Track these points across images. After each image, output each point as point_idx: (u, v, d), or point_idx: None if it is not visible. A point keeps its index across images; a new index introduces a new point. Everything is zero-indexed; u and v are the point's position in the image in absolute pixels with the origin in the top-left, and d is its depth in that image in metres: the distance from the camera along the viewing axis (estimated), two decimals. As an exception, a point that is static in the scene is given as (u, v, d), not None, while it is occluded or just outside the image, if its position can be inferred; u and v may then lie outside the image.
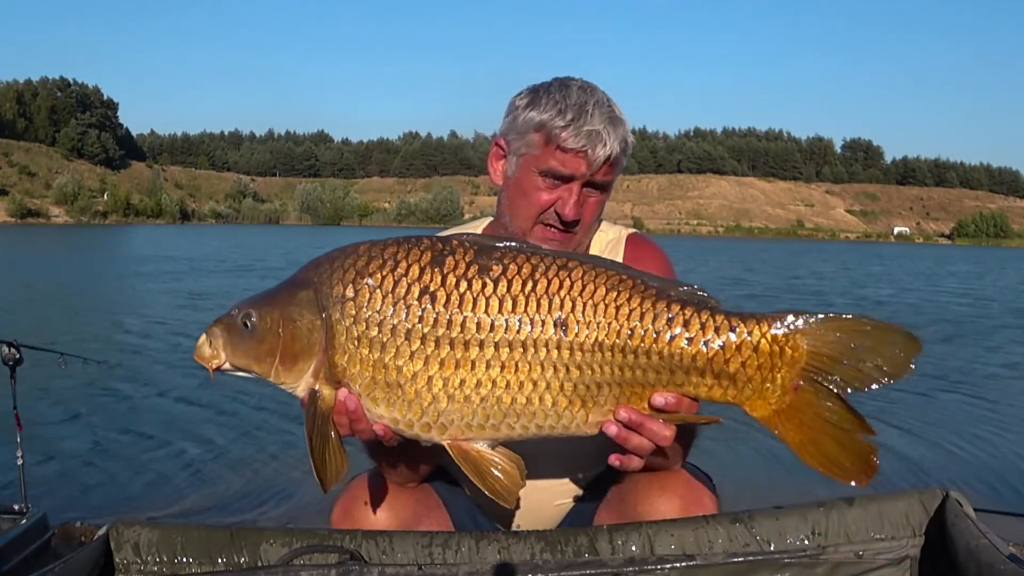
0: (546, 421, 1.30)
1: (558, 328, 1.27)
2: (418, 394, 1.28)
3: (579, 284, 1.28)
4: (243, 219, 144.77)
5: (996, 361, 11.06)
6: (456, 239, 1.33)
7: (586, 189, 1.63)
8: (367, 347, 1.28)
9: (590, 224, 1.69)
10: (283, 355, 1.31)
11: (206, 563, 1.50)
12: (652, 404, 1.30)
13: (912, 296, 22.66)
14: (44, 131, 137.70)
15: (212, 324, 1.35)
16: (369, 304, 1.28)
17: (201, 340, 1.35)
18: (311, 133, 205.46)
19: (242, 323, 1.32)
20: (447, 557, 1.47)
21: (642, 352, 1.27)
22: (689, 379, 1.29)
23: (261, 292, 1.39)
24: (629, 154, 1.67)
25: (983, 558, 1.32)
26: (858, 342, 1.25)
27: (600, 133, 1.56)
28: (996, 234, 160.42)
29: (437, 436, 1.31)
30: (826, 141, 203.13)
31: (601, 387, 1.29)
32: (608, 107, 1.60)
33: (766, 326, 1.27)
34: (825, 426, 1.27)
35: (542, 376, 1.28)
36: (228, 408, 7.17)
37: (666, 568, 1.45)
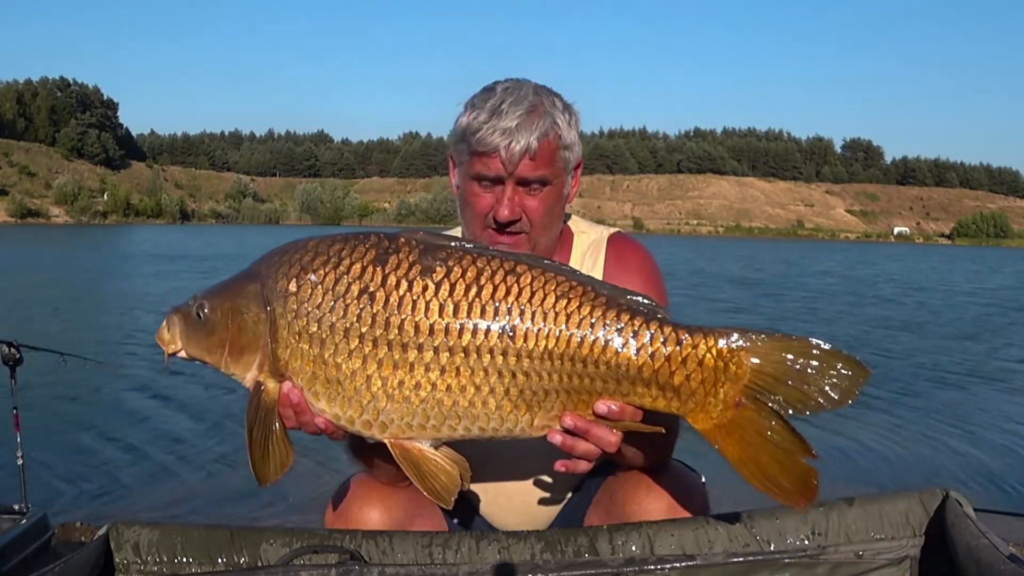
0: (489, 424, 1.29)
1: (505, 335, 1.26)
2: (357, 392, 1.28)
3: (528, 290, 1.27)
4: (243, 219, 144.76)
5: (997, 361, 11.06)
6: (405, 236, 1.32)
7: (524, 188, 1.60)
8: (307, 342, 1.28)
9: (545, 222, 1.63)
10: (231, 347, 1.33)
11: (206, 563, 1.50)
12: (596, 412, 1.30)
13: (916, 295, 22.68)
14: (44, 131, 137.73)
15: (171, 311, 1.38)
16: (310, 300, 1.29)
17: (161, 326, 1.37)
18: (311, 133, 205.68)
19: (196, 313, 1.35)
20: (447, 557, 1.47)
21: (590, 361, 1.27)
22: (634, 389, 1.28)
23: (217, 283, 1.40)
24: (570, 144, 1.61)
25: (983, 558, 1.32)
26: (804, 365, 1.24)
27: (513, 130, 1.54)
28: (996, 234, 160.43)
29: (378, 434, 1.31)
30: (826, 141, 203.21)
31: (548, 393, 1.29)
32: (529, 102, 1.57)
33: (712, 340, 1.27)
34: (765, 444, 1.26)
35: (485, 381, 1.27)
36: (228, 408, 7.16)
37: (666, 568, 1.45)
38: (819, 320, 15.41)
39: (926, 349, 11.89)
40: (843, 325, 14.71)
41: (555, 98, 1.62)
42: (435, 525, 1.66)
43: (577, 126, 1.65)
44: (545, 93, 1.62)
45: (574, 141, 1.63)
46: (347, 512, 1.62)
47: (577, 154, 1.66)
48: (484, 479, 1.71)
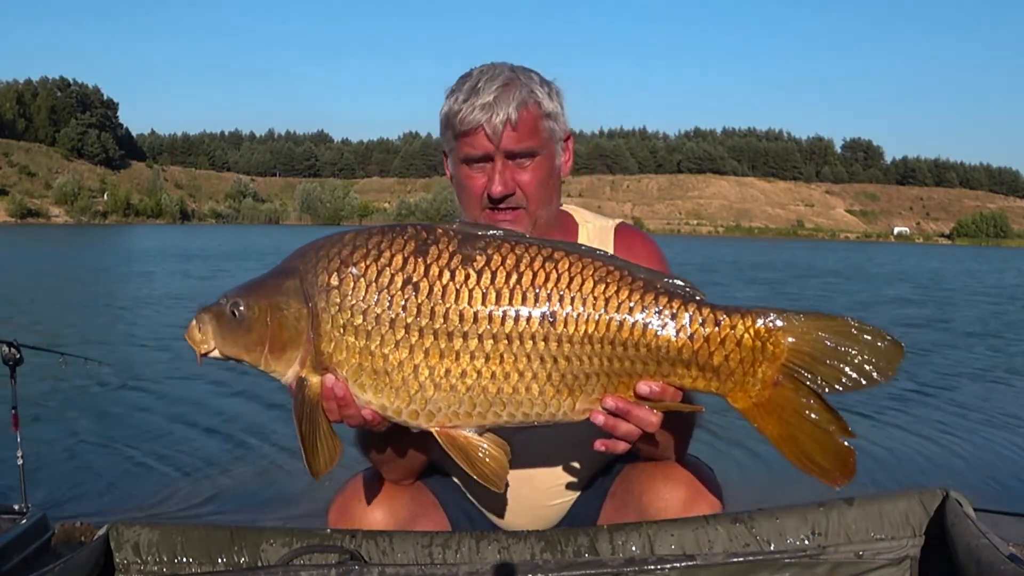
0: (533, 409, 1.31)
1: (545, 321, 1.28)
2: (404, 382, 1.29)
3: (566, 276, 1.29)
4: (243, 219, 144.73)
5: (997, 360, 11.06)
6: (441, 228, 1.33)
7: (513, 162, 1.60)
8: (352, 335, 1.29)
9: (541, 195, 1.63)
10: (271, 344, 1.32)
11: (206, 563, 1.50)
12: (637, 392, 1.32)
13: (916, 295, 22.68)
14: (44, 131, 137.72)
15: (201, 311, 1.36)
16: (353, 293, 1.29)
17: (191, 325, 1.35)
18: (311, 133, 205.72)
19: (231, 312, 1.33)
20: (447, 557, 1.47)
21: (630, 344, 1.29)
22: (674, 370, 1.31)
23: (249, 281, 1.39)
24: (552, 113, 1.61)
25: (983, 558, 1.32)
26: (841, 343, 1.26)
27: (491, 104, 1.55)
28: (996, 234, 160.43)
29: (424, 423, 1.32)
30: (826, 141, 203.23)
31: (589, 377, 1.30)
32: (505, 76, 1.58)
33: (750, 321, 1.29)
34: (803, 423, 1.28)
35: (528, 367, 1.29)
36: (228, 408, 7.17)
37: (666, 568, 1.45)
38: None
39: (926, 348, 11.89)
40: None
41: (532, 73, 1.63)
42: (439, 525, 1.67)
43: (559, 98, 1.64)
44: (521, 70, 1.63)
45: (557, 111, 1.63)
46: (350, 512, 1.62)
47: (564, 126, 1.66)
48: None
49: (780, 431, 1.29)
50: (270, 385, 1.36)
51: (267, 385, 8.18)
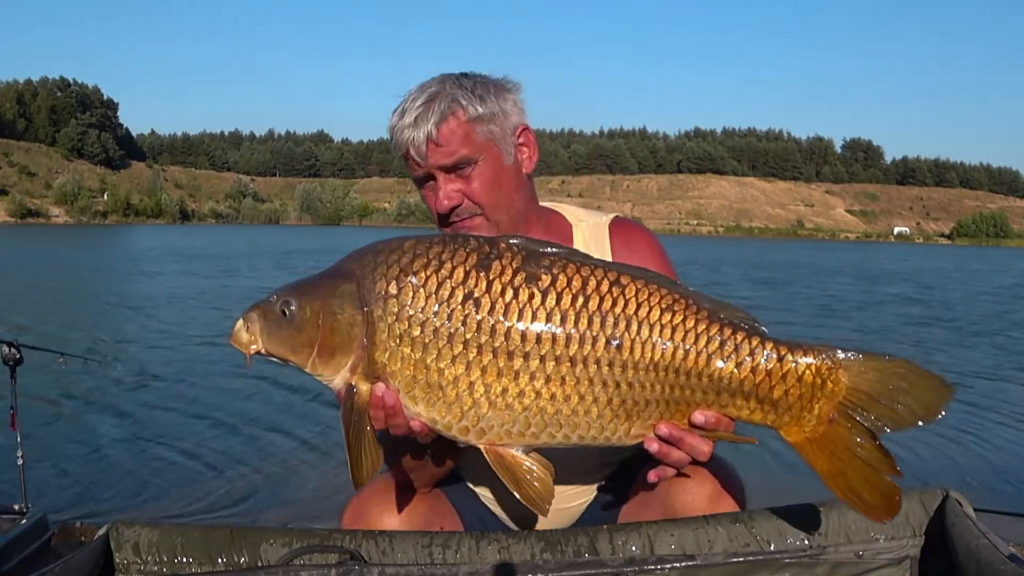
0: (588, 432, 1.30)
1: (611, 346, 1.27)
2: (459, 397, 1.27)
3: (633, 302, 1.28)
4: (243, 219, 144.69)
5: (998, 360, 11.06)
6: (504, 242, 1.32)
7: (454, 173, 1.59)
8: (409, 346, 1.26)
9: (493, 200, 1.60)
10: (321, 347, 1.29)
11: (206, 563, 1.50)
12: (693, 421, 1.32)
13: (918, 293, 22.69)
14: (44, 131, 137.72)
15: (249, 309, 1.32)
16: (412, 303, 1.26)
17: (238, 324, 1.31)
18: (311, 133, 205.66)
19: (281, 311, 1.29)
20: (447, 557, 1.47)
21: (693, 373, 1.29)
22: (733, 401, 1.31)
23: (301, 280, 1.36)
24: (486, 116, 1.57)
25: (983, 558, 1.32)
26: (896, 384, 1.28)
27: (412, 124, 1.55)
28: (996, 234, 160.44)
29: (474, 439, 1.30)
30: (826, 141, 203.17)
31: (648, 403, 1.30)
32: (430, 92, 1.57)
33: (811, 357, 1.30)
34: (853, 460, 1.30)
35: (590, 390, 1.27)
36: (228, 408, 7.17)
37: (666, 568, 1.45)
38: (836, 316, 15.44)
39: (926, 348, 11.89)
40: (845, 323, 14.73)
41: (463, 79, 1.60)
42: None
43: (498, 97, 1.61)
44: (452, 79, 1.60)
45: (493, 112, 1.59)
46: (365, 516, 1.60)
47: (507, 123, 1.61)
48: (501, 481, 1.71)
49: (830, 467, 1.30)
50: (271, 386, 1.35)
51: (268, 386, 8.22)
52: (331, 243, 54.86)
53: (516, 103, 1.64)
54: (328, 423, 6.65)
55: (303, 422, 6.71)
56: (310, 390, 7.84)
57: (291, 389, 7.90)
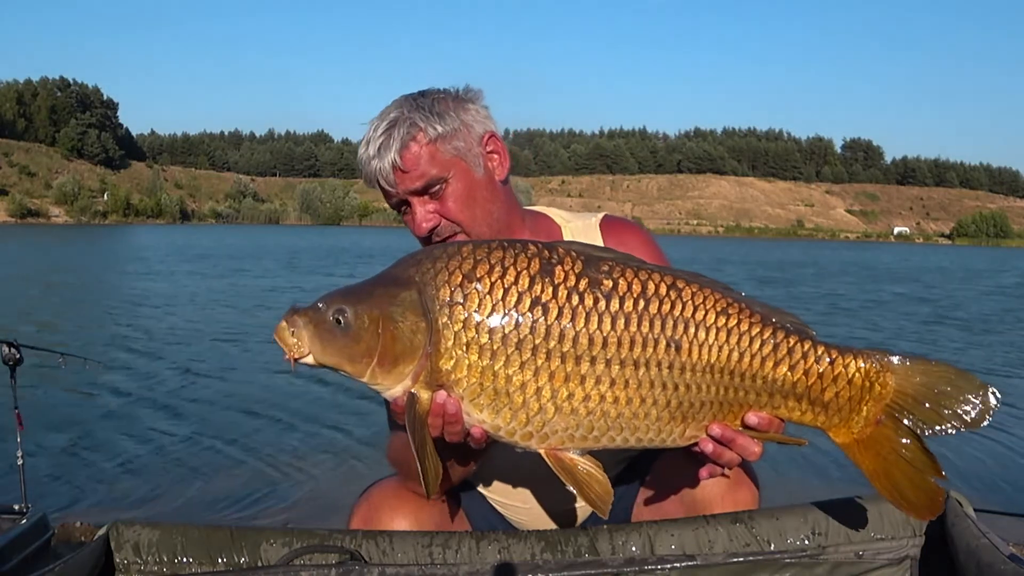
0: (646, 435, 1.32)
1: (671, 348, 1.28)
2: (526, 403, 1.27)
3: (691, 305, 1.30)
4: (243, 219, 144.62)
5: (999, 359, 11.06)
6: (562, 247, 1.32)
7: (427, 195, 1.60)
8: (476, 353, 1.25)
9: (470, 215, 1.60)
10: (382, 356, 1.26)
11: (206, 563, 1.50)
12: (746, 423, 1.34)
13: (918, 293, 22.70)
14: (44, 131, 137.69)
15: (295, 313, 1.27)
16: (479, 310, 1.26)
17: (282, 327, 1.26)
18: (311, 133, 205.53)
19: (334, 319, 1.26)
20: (447, 557, 1.47)
21: (748, 375, 1.31)
22: (785, 403, 1.33)
23: (351, 288, 1.32)
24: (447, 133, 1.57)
25: (983, 558, 1.32)
26: (942, 389, 1.31)
27: (376, 155, 1.57)
28: (996, 234, 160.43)
29: (536, 444, 1.31)
30: (826, 141, 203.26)
31: (703, 405, 1.31)
32: (389, 119, 1.58)
33: (861, 361, 1.33)
34: (899, 461, 1.32)
35: (651, 393, 1.29)
36: (228, 408, 7.18)
37: (666, 568, 1.45)
38: (838, 313, 15.46)
39: (926, 348, 11.90)
40: (845, 323, 14.74)
41: (420, 99, 1.60)
42: None
43: (460, 107, 1.61)
44: (410, 100, 1.61)
45: (454, 128, 1.59)
46: (376, 519, 1.60)
47: (471, 136, 1.61)
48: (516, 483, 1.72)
49: (876, 466, 1.33)
50: (271, 387, 1.34)
51: (268, 387, 8.22)
52: (333, 242, 54.85)
53: (479, 112, 1.63)
54: (329, 423, 6.66)
55: (303, 422, 6.71)
56: (310, 391, 7.85)
57: (291, 389, 7.91)
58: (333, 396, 7.56)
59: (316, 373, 8.92)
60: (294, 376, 8.60)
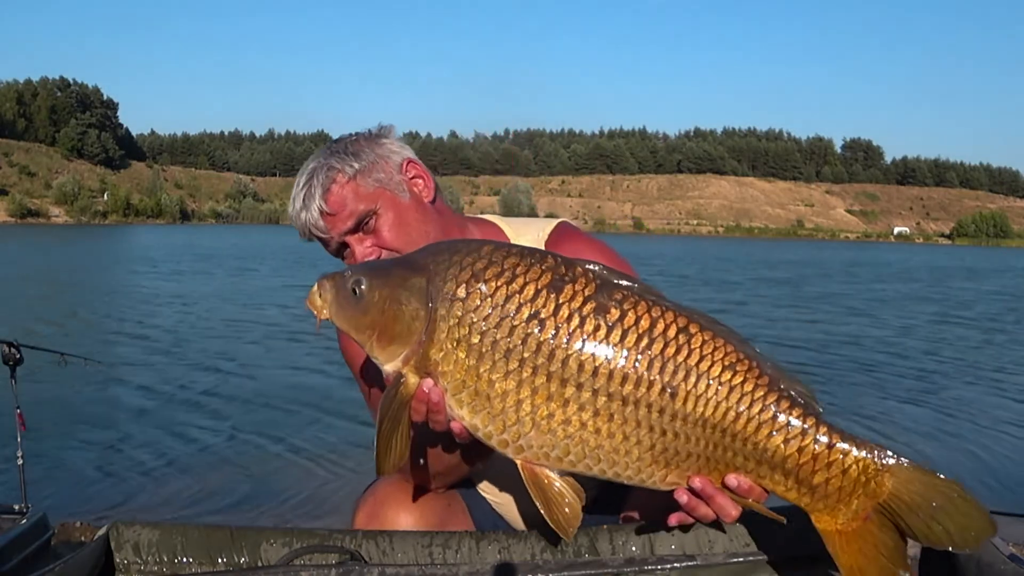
0: (625, 472, 1.29)
1: (666, 393, 1.25)
2: (504, 411, 1.26)
3: (697, 354, 1.25)
4: (243, 219, 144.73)
5: (999, 359, 11.06)
6: (581, 266, 1.30)
7: (361, 232, 1.62)
8: (465, 352, 1.26)
9: (405, 239, 1.62)
10: (381, 332, 1.30)
11: (206, 563, 1.50)
12: (726, 483, 1.30)
13: (918, 292, 22.70)
14: (44, 131, 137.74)
15: (325, 277, 1.34)
16: (477, 311, 1.26)
17: (314, 290, 1.34)
18: (311, 133, 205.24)
19: (351, 288, 1.31)
20: (447, 557, 1.47)
21: (740, 438, 1.27)
22: (772, 474, 1.29)
23: (378, 263, 1.39)
24: (364, 169, 1.61)
25: (983, 558, 1.32)
26: (940, 503, 1.24)
27: (302, 208, 1.61)
28: (996, 234, 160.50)
29: (512, 454, 1.30)
30: (826, 141, 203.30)
31: (689, 456, 1.28)
32: (308, 171, 1.62)
33: (861, 453, 1.26)
34: (878, 560, 1.27)
35: (635, 432, 1.26)
36: (228, 408, 7.18)
37: (666, 568, 1.45)
38: (844, 312, 15.46)
39: (926, 348, 11.90)
40: (853, 321, 14.74)
41: (334, 145, 1.66)
42: None
43: (373, 142, 1.66)
44: (325, 149, 1.66)
45: (370, 161, 1.62)
46: (380, 516, 1.60)
47: (391, 166, 1.64)
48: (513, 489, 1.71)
49: (852, 562, 1.28)
50: (271, 386, 1.35)
51: (268, 386, 8.22)
52: (331, 243, 54.70)
53: (392, 144, 1.68)
54: (329, 423, 6.66)
55: (304, 422, 6.71)
56: (311, 390, 7.86)
57: (292, 389, 7.91)
58: (334, 396, 7.56)
59: (319, 369, 8.95)
60: (297, 374, 8.63)
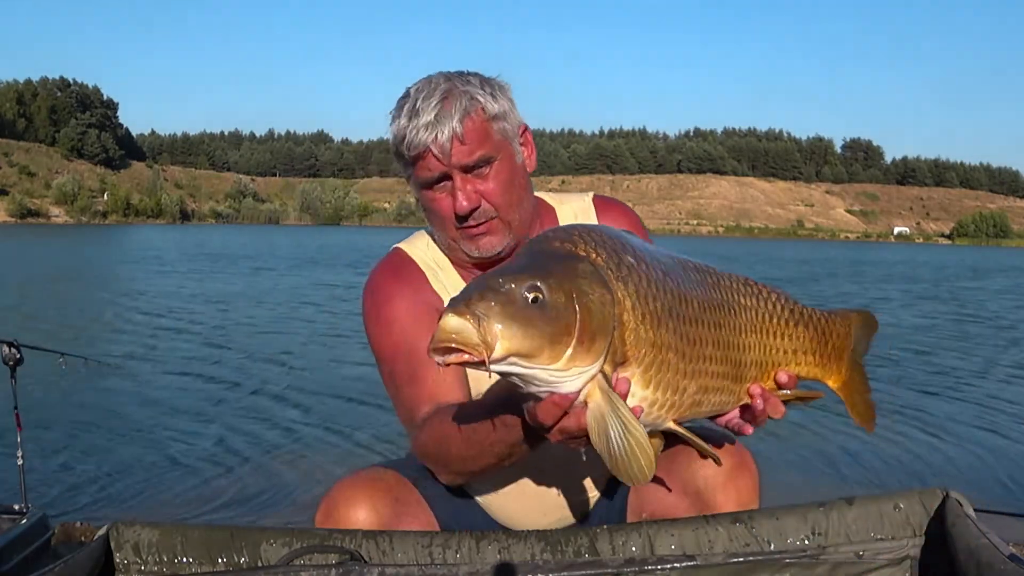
0: (718, 396, 1.38)
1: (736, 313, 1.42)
2: (676, 375, 1.26)
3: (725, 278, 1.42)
4: (243, 219, 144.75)
5: (1000, 359, 11.06)
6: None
7: (472, 174, 1.57)
8: (648, 324, 1.21)
9: (509, 200, 1.59)
10: (581, 333, 1.11)
11: (206, 563, 1.50)
12: (777, 380, 1.46)
13: (917, 292, 22.70)
14: (44, 131, 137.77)
15: (473, 301, 1.06)
16: (641, 283, 1.22)
17: (457, 323, 1.05)
18: (311, 133, 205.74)
19: (526, 298, 1.09)
20: (447, 557, 1.47)
21: (779, 335, 1.47)
22: (805, 358, 1.52)
23: (518, 264, 1.16)
24: (499, 114, 1.57)
25: (983, 558, 1.32)
26: (867, 328, 1.63)
27: (433, 123, 1.51)
28: (996, 234, 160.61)
29: (674, 415, 1.29)
30: (826, 141, 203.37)
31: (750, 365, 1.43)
32: (442, 89, 1.54)
33: (840, 317, 1.58)
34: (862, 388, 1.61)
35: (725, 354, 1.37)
36: (229, 408, 7.17)
37: (666, 568, 1.45)
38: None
39: (926, 349, 11.90)
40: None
41: (469, 77, 1.59)
42: (425, 523, 1.64)
43: (505, 95, 1.61)
44: (457, 76, 1.59)
45: (505, 109, 1.59)
46: (335, 513, 1.60)
47: (515, 121, 1.62)
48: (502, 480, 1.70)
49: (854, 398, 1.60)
50: (272, 386, 1.33)
51: (269, 386, 8.22)
52: (336, 242, 54.88)
53: (514, 102, 1.64)
54: (330, 423, 6.66)
55: (304, 422, 6.71)
56: (312, 389, 7.86)
57: (292, 388, 7.92)
58: (335, 396, 7.57)
59: (320, 369, 8.95)
60: (298, 376, 8.61)
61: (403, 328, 1.64)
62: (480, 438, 1.42)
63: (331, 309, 15.48)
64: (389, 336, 1.66)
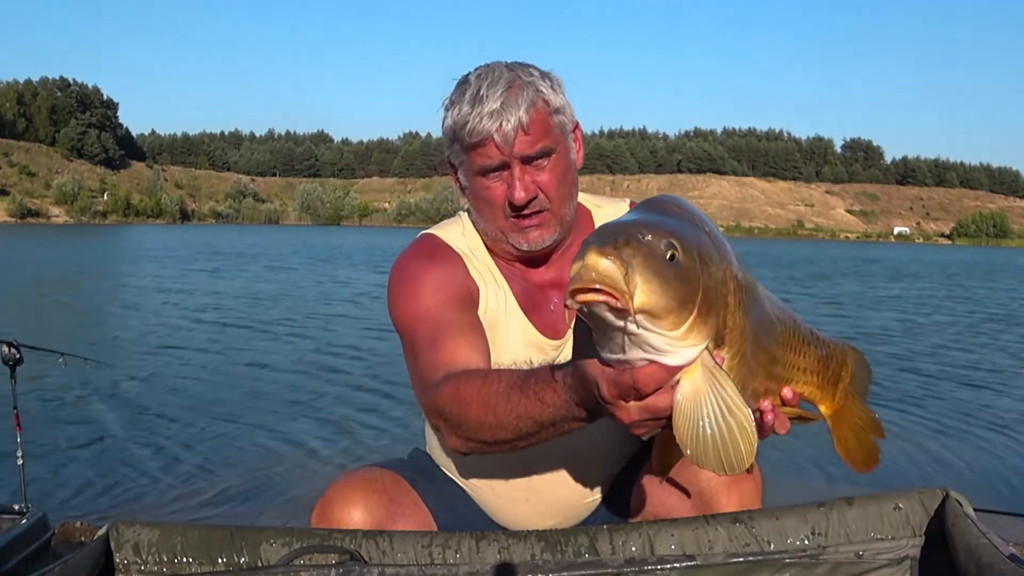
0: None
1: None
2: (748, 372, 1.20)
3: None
4: (243, 219, 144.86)
5: (1000, 360, 11.06)
6: None
7: (530, 165, 1.56)
8: (742, 314, 1.14)
9: (562, 194, 1.60)
10: (702, 303, 1.00)
11: (206, 563, 1.50)
12: (783, 397, 1.37)
13: (916, 292, 22.70)
14: (44, 131, 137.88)
15: (619, 243, 0.92)
16: (741, 272, 1.14)
17: (607, 265, 0.91)
18: (311, 133, 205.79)
19: (668, 255, 0.96)
20: (447, 557, 1.47)
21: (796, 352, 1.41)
22: (808, 378, 1.44)
23: (646, 220, 1.01)
24: (560, 107, 1.57)
25: (983, 558, 1.32)
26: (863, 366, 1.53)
27: (499, 111, 1.50)
28: (996, 234, 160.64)
29: None
30: (826, 141, 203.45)
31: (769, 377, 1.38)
32: (506, 79, 1.53)
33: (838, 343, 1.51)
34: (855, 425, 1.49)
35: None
36: (229, 408, 7.17)
37: (666, 568, 1.45)
38: (881, 308, 15.46)
39: (926, 348, 11.90)
40: (884, 316, 14.75)
41: (531, 68, 1.59)
42: (419, 522, 1.64)
43: (562, 90, 1.61)
44: (519, 67, 1.58)
45: (564, 103, 1.59)
46: (330, 513, 1.60)
47: (571, 116, 1.62)
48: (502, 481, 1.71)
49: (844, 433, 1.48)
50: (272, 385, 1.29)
51: (269, 385, 8.23)
52: (336, 242, 54.87)
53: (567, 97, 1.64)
54: (331, 422, 6.66)
55: (305, 421, 6.71)
56: (312, 388, 7.86)
57: (294, 387, 7.92)
58: (336, 395, 7.57)
59: (320, 368, 8.94)
60: (298, 376, 8.61)
61: (431, 300, 1.59)
62: (507, 408, 1.31)
63: (332, 309, 15.49)
64: (415, 306, 1.59)
